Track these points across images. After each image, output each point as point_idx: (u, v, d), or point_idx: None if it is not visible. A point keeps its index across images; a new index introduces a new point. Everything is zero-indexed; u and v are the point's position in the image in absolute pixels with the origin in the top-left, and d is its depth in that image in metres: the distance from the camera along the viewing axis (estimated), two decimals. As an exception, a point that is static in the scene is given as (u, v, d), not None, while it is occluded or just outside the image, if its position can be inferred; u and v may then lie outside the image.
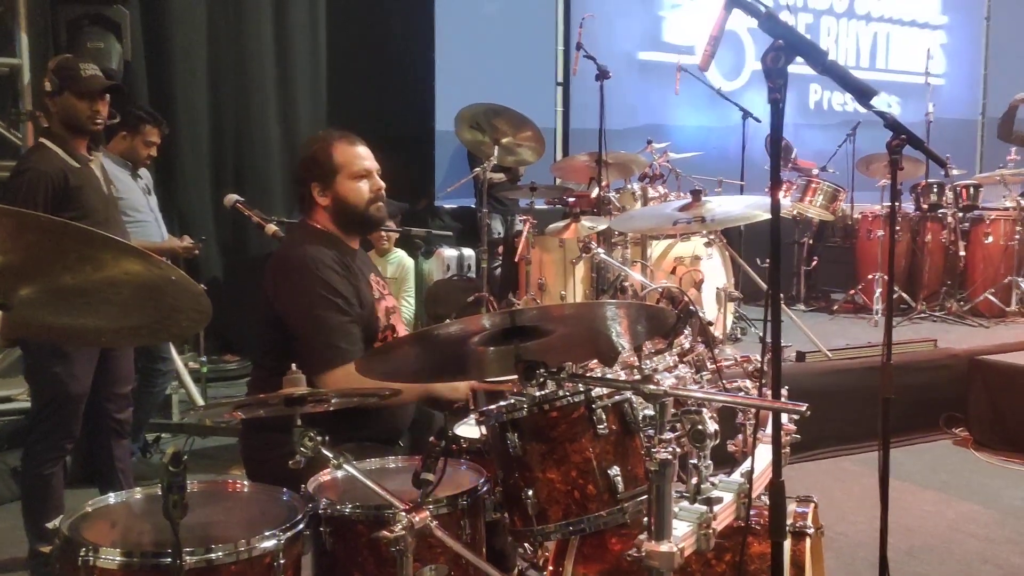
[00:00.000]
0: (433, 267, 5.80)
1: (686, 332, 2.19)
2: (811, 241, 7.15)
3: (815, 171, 6.93)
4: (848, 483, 4.28)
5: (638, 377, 1.75)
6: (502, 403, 1.76)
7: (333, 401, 1.72)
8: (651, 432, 1.69)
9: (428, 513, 1.43)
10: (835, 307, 6.77)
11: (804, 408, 1.25)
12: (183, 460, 1.51)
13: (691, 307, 1.99)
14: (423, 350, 1.71)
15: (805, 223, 7.01)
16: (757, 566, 1.84)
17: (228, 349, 6.63)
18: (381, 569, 1.74)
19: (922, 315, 6.33)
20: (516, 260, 4.85)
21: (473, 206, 6.52)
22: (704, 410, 1.47)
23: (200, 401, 5.02)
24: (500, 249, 5.67)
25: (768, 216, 2.37)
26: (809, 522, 1.89)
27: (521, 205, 6.03)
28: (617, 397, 1.70)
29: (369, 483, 1.51)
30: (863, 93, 1.35)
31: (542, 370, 1.48)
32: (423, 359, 1.73)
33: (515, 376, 2.79)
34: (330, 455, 1.62)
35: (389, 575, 1.65)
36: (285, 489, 1.87)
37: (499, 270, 5.52)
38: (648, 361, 1.93)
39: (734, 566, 1.85)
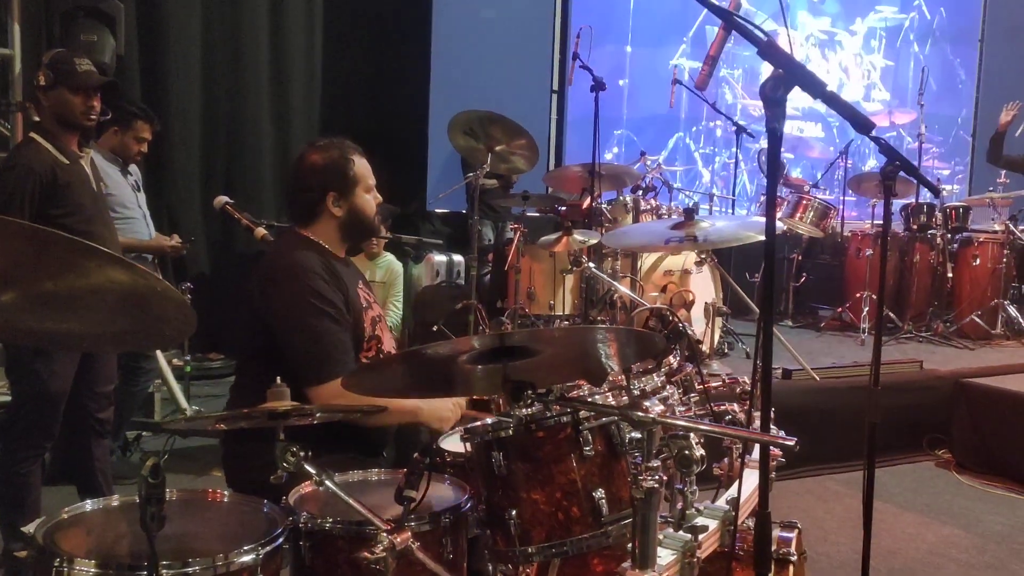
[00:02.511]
0: (422, 272, 5.79)
1: (674, 351, 2.18)
2: (800, 257, 7.17)
3: (807, 188, 6.97)
4: (831, 503, 4.28)
5: (626, 401, 1.75)
6: (488, 421, 1.75)
7: (317, 416, 1.70)
8: (637, 456, 1.68)
9: (409, 534, 1.41)
10: (822, 324, 6.79)
11: (794, 443, 1.24)
12: (161, 472, 1.48)
13: (680, 326, 1.98)
14: (411, 367, 1.69)
15: (795, 239, 7.03)
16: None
17: (213, 347, 6.59)
18: (361, 587, 1.71)
19: (908, 335, 6.35)
20: (506, 268, 4.84)
21: (464, 212, 6.52)
22: (691, 435, 1.46)
23: (183, 400, 4.98)
24: (490, 256, 5.65)
25: (761, 238, 2.38)
26: (792, 549, 1.88)
27: (513, 212, 6.03)
28: (604, 419, 1.68)
29: (351, 502, 1.49)
30: (863, 125, 1.35)
31: (530, 392, 1.46)
32: (410, 375, 1.71)
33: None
34: (312, 471, 1.60)
35: (369, 592, 1.63)
36: (266, 501, 1.85)
37: (488, 277, 5.50)
38: (636, 382, 1.91)
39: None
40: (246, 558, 1.61)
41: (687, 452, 1.52)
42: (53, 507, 3.30)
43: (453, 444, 2.33)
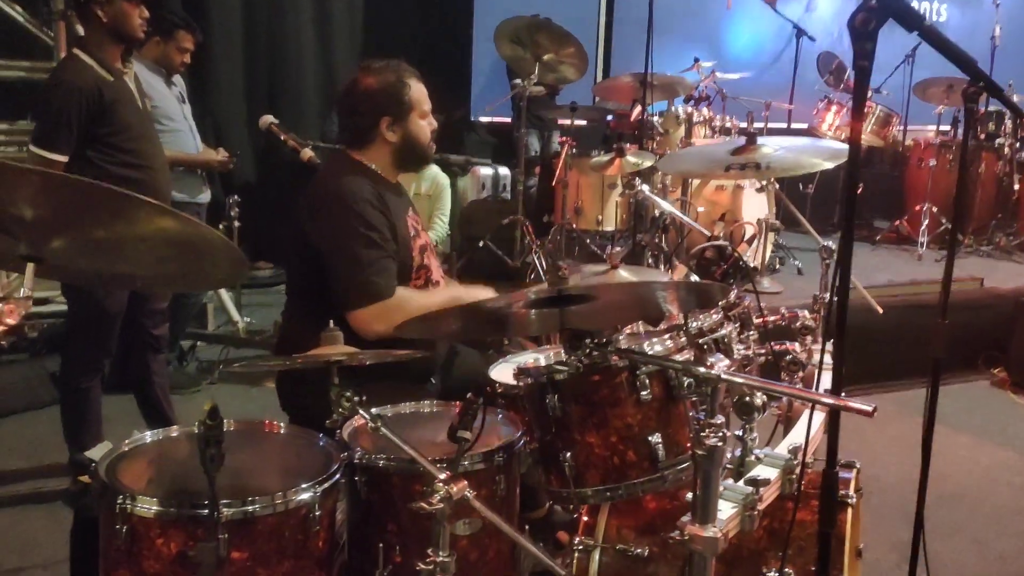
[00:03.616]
0: (468, 186, 5.69)
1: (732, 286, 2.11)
2: (856, 165, 6.90)
3: (869, 93, 6.65)
4: (882, 424, 4.23)
5: (684, 342, 1.70)
6: (542, 361, 1.72)
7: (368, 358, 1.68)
8: (696, 401, 1.65)
9: (466, 483, 1.40)
10: (878, 237, 6.60)
11: (872, 409, 1.18)
12: (219, 414, 1.49)
13: (742, 263, 1.90)
14: (464, 314, 1.65)
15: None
16: (796, 533, 1.81)
17: (261, 256, 6.65)
18: (415, 521, 1.73)
19: (969, 249, 6.15)
20: (553, 184, 4.73)
21: (509, 120, 6.35)
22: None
23: (235, 312, 5.06)
24: (537, 169, 5.53)
25: (827, 165, 2.26)
26: (851, 491, 1.85)
27: (559, 122, 5.86)
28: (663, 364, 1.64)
29: (408, 449, 1.49)
30: (965, 63, 1.23)
31: (589, 340, 1.41)
32: (464, 322, 1.68)
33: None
34: (367, 417, 1.59)
35: (423, 527, 1.64)
36: (321, 435, 1.86)
37: (534, 190, 5.40)
38: (693, 320, 1.85)
39: (771, 532, 1.82)
40: (304, 495, 1.63)
41: (747, 399, 1.48)
42: (113, 416, 3.46)
43: (504, 375, 2.32)
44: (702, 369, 1.28)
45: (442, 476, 1.40)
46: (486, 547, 1.80)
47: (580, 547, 1.90)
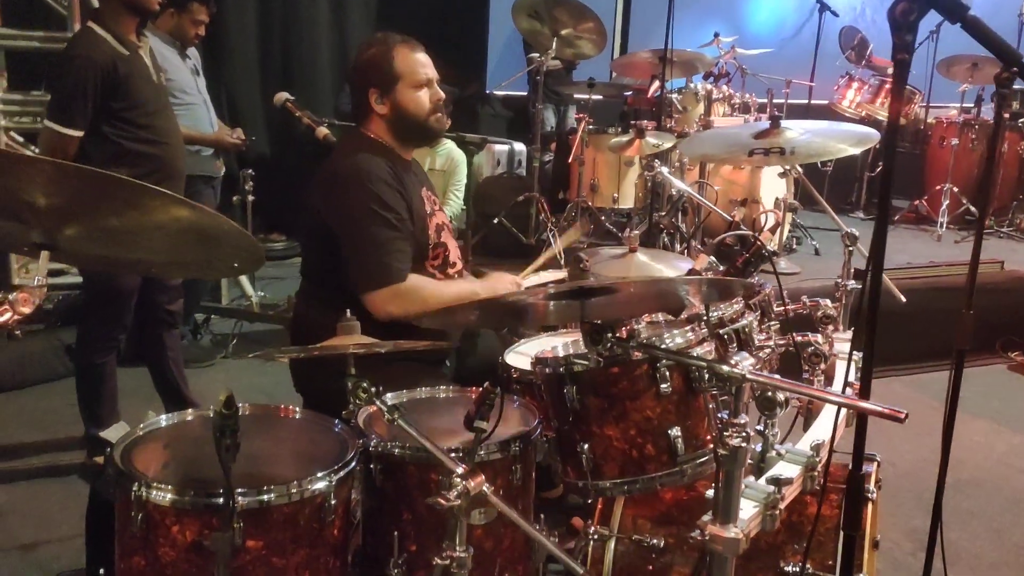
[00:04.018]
0: (483, 162, 5.63)
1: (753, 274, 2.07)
2: (877, 145, 6.79)
3: (891, 70, 6.53)
4: (896, 406, 4.19)
5: (705, 333, 1.67)
6: (560, 351, 1.69)
7: (385, 349, 1.66)
8: (715, 392, 1.62)
9: (483, 477, 1.39)
10: (897, 217, 6.51)
11: (904, 416, 1.15)
12: (235, 403, 1.47)
13: (764, 252, 1.86)
14: (483, 307, 1.63)
15: (873, 125, 6.66)
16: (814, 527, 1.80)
17: (275, 228, 6.63)
18: (431, 510, 1.71)
19: (989, 230, 6.06)
20: (569, 161, 4.68)
21: (525, 94, 6.28)
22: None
23: (249, 288, 5.06)
24: (552, 145, 5.47)
25: (853, 151, 2.21)
26: (872, 485, 1.82)
27: (575, 97, 5.78)
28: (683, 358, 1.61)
29: (425, 443, 1.47)
30: (1010, 57, 1.18)
31: (610, 335, 1.39)
32: (482, 314, 1.65)
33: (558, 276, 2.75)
34: (384, 408, 1.57)
35: (439, 517, 1.63)
36: (336, 421, 1.84)
37: (550, 166, 5.35)
38: (715, 310, 1.82)
39: (789, 525, 1.81)
40: (320, 484, 1.61)
41: (770, 394, 1.45)
42: (129, 390, 3.46)
43: (520, 359, 2.30)
44: (727, 368, 1.25)
45: (459, 470, 1.38)
46: (501, 536, 1.79)
47: (595, 536, 1.89)
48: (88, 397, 3.27)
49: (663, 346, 1.57)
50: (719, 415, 1.27)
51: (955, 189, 6.06)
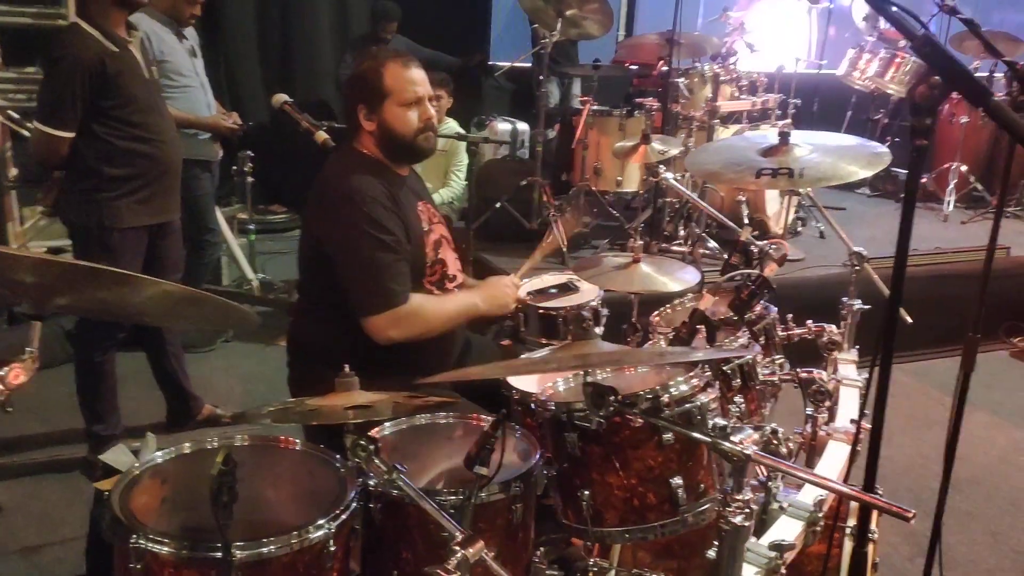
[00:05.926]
0: (485, 144, 5.55)
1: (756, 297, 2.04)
2: (886, 120, 6.70)
3: (902, 43, 6.39)
4: (896, 397, 4.10)
5: (708, 375, 1.64)
6: (561, 388, 1.67)
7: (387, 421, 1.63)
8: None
9: (482, 543, 1.37)
10: (902, 194, 6.42)
11: (911, 515, 1.13)
12: (233, 461, 1.45)
13: (768, 288, 1.83)
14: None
15: (882, 99, 6.56)
16: (814, 567, 1.80)
17: (276, 199, 6.59)
18: (431, 551, 1.71)
19: (995, 209, 5.98)
20: (572, 146, 4.60)
21: (528, 65, 6.16)
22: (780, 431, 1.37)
23: (249, 271, 5.04)
24: (556, 127, 5.38)
25: (865, 174, 2.15)
26: (874, 525, 1.81)
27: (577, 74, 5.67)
28: (687, 405, 1.59)
29: (427, 506, 1.45)
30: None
31: (613, 398, 1.36)
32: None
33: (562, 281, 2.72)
34: (383, 467, 1.56)
35: (438, 556, 1.63)
36: (337, 456, 1.82)
37: (554, 145, 5.27)
38: (722, 344, 1.80)
39: (789, 567, 1.80)
40: (319, 533, 1.60)
41: (774, 444, 1.43)
42: (127, 375, 3.44)
43: (521, 381, 2.27)
44: (729, 445, 1.23)
45: (458, 536, 1.37)
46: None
47: (595, 568, 1.89)
48: (88, 395, 3.27)
49: (664, 405, 1.55)
50: (723, 490, 1.25)
51: (963, 168, 5.98)
